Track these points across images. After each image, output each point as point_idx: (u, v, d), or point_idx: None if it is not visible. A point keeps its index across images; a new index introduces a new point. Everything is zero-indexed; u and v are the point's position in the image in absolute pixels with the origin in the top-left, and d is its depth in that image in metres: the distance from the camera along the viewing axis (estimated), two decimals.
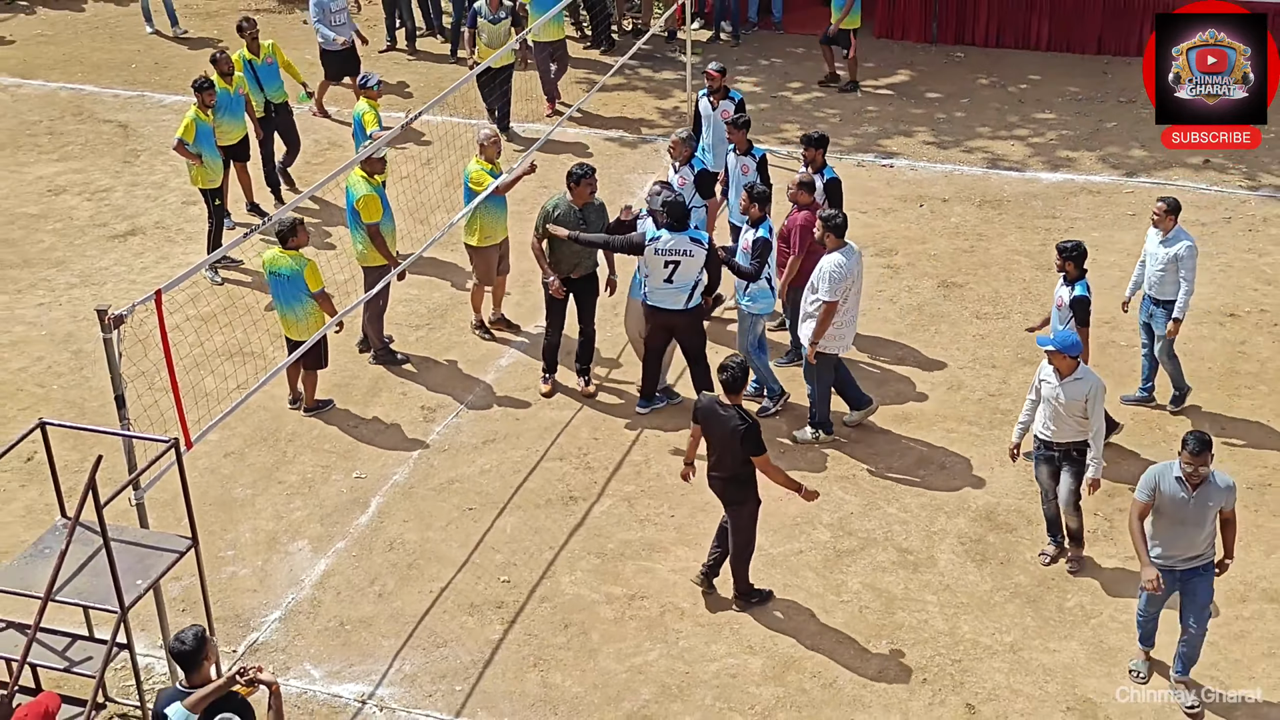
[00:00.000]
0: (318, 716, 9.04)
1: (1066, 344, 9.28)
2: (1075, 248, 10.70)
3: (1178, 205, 11.13)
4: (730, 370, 9.22)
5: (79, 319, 13.00)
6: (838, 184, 12.28)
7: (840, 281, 10.74)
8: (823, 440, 11.34)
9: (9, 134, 16.92)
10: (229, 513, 10.77)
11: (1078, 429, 9.40)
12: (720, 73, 13.48)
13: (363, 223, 11.83)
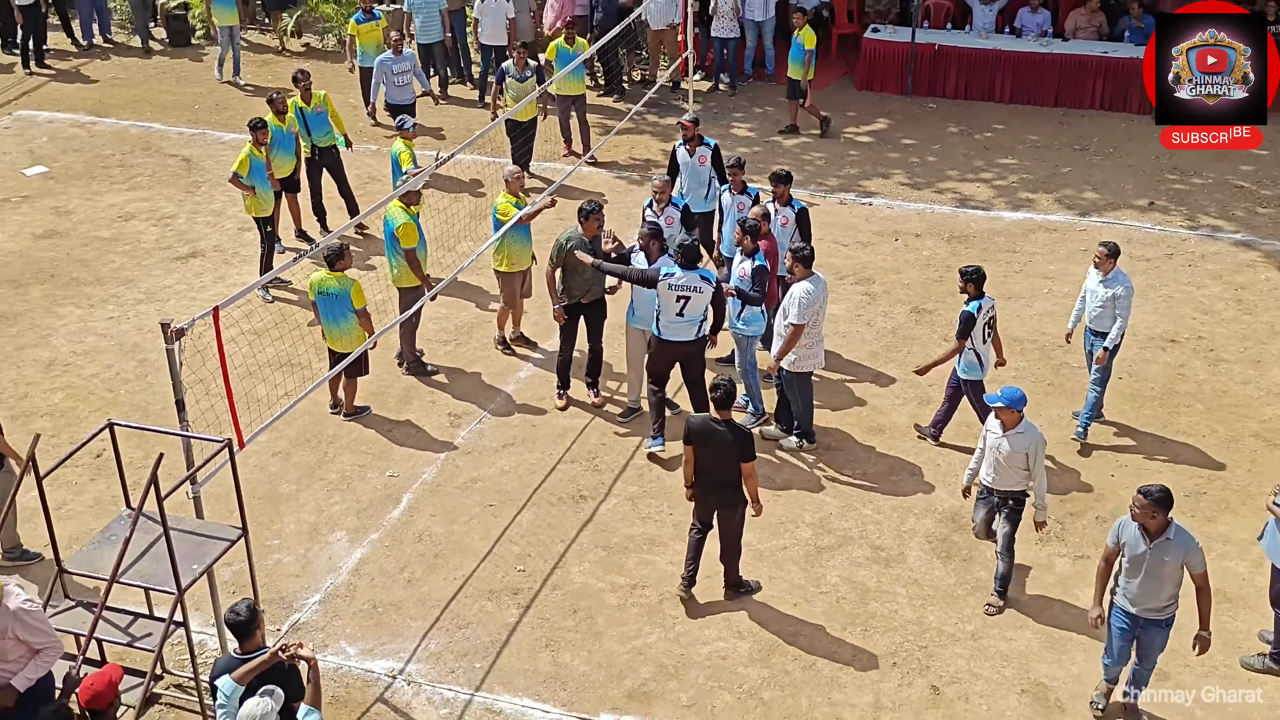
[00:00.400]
0: (352, 689, 9.04)
1: (1012, 400, 9.05)
2: (975, 271, 10.84)
3: (1117, 250, 10.96)
4: (722, 388, 9.11)
5: (145, 331, 13.02)
6: (806, 214, 12.28)
7: (808, 307, 10.70)
8: (805, 449, 11.32)
9: (85, 165, 16.96)
10: (275, 506, 10.78)
11: (1018, 478, 9.19)
12: (694, 123, 13.35)
13: (401, 248, 11.86)
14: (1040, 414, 11.59)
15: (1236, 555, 10.06)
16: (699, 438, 9.20)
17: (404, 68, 16.15)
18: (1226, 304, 13.43)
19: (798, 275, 10.81)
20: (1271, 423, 11.56)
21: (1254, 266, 14.16)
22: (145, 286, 14.07)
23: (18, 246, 14.93)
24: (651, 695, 8.96)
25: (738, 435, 9.14)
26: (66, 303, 13.75)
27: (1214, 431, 11.50)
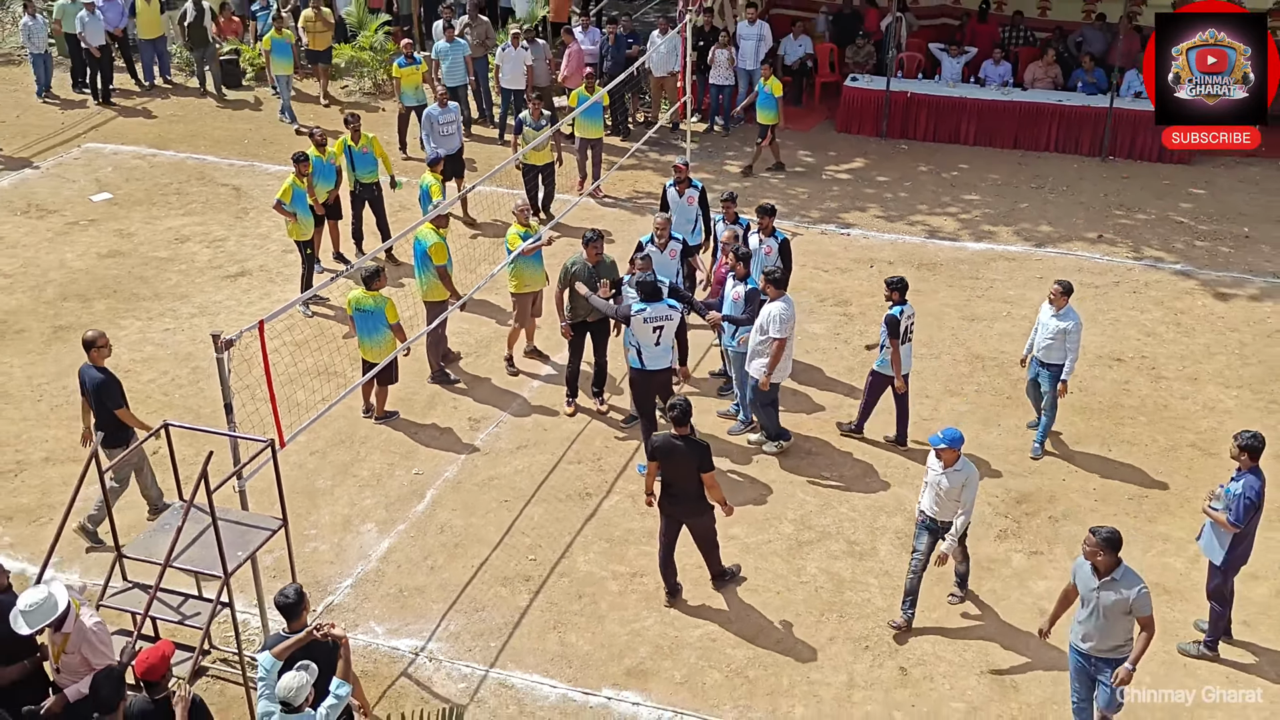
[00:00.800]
0: (380, 665, 9.02)
1: (952, 440, 8.78)
2: (899, 281, 11.00)
3: (1071, 288, 10.81)
4: (678, 407, 9.03)
5: (197, 342, 13.02)
6: (788, 245, 12.25)
7: (786, 323, 10.67)
8: (783, 448, 11.29)
9: (146, 193, 16.97)
10: (312, 500, 10.76)
11: (955, 510, 8.91)
12: (685, 166, 13.27)
13: (432, 265, 11.91)
14: (999, 423, 11.61)
15: (1174, 552, 10.05)
16: (662, 454, 9.07)
17: (449, 119, 15.71)
18: (1167, 327, 13.43)
19: (771, 296, 10.77)
20: (1206, 434, 11.55)
21: (1192, 294, 14.16)
22: (198, 301, 14.08)
23: (85, 265, 14.94)
24: (648, 673, 8.95)
25: (695, 449, 8.99)
26: (128, 315, 13.75)
27: (1155, 441, 11.49)
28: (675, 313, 10.75)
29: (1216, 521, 8.62)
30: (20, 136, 18.91)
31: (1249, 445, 8.56)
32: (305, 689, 6.80)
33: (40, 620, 7.13)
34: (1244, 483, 8.50)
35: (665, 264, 11.67)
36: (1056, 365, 10.78)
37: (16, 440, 11.57)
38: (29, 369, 12.73)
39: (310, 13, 19.39)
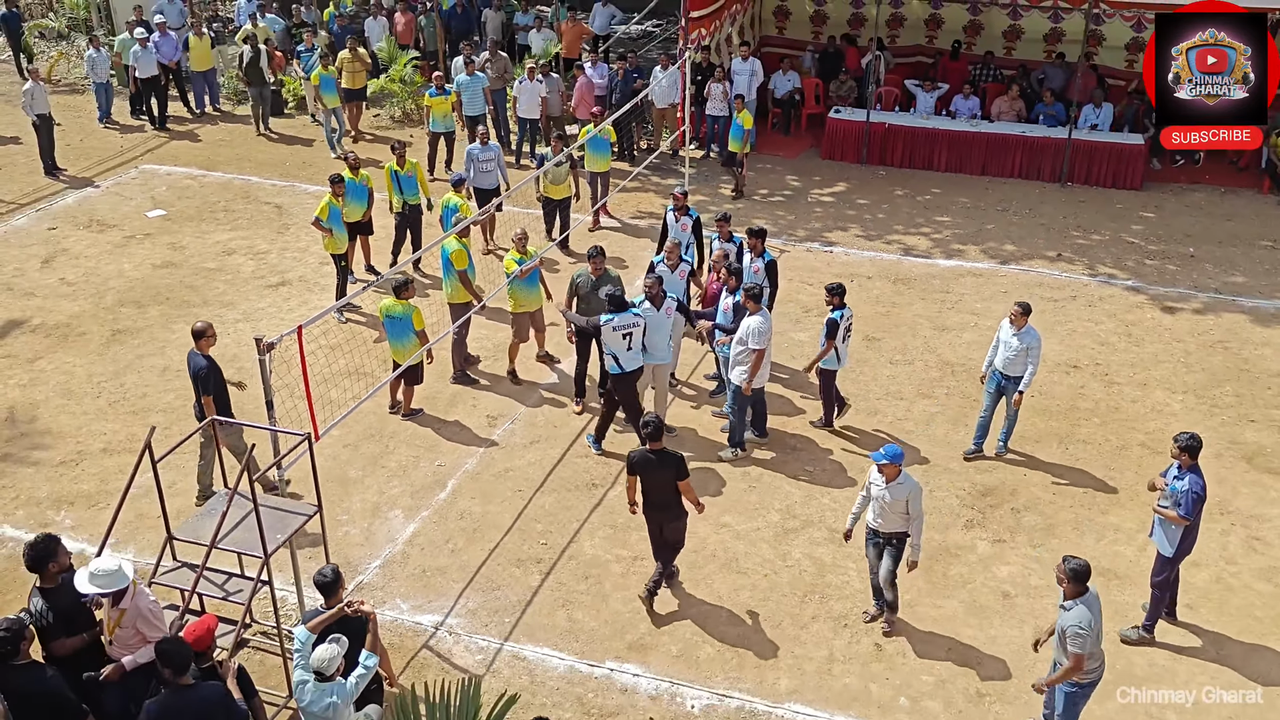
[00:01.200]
0: (404, 638, 9.02)
1: (893, 457, 8.48)
2: (838, 287, 11.12)
3: (1029, 309, 10.60)
4: (651, 424, 8.84)
5: (242, 345, 13.00)
6: (775, 265, 12.19)
7: (764, 335, 10.63)
8: (740, 456, 11.12)
9: (196, 210, 16.97)
10: (345, 488, 10.75)
11: (900, 522, 8.61)
12: (684, 195, 13.13)
13: (454, 269, 11.95)
14: (967, 422, 11.57)
15: (1125, 541, 10.04)
16: (640, 468, 8.93)
17: (488, 156, 15.08)
18: (1119, 337, 13.41)
19: (751, 310, 10.71)
20: (1155, 434, 11.53)
21: (1141, 307, 14.13)
22: (243, 308, 14.07)
23: (140, 274, 14.93)
24: (647, 647, 8.94)
25: (670, 460, 8.86)
26: (179, 320, 13.73)
27: (1108, 440, 11.47)
28: (641, 320, 10.74)
29: (1168, 519, 8.57)
30: (84, 158, 18.91)
31: (1189, 446, 8.49)
32: (337, 659, 6.79)
33: (106, 585, 7.12)
34: (1189, 480, 8.46)
35: (675, 283, 11.57)
36: (1018, 377, 10.63)
37: (78, 433, 11.57)
38: (89, 368, 12.73)
39: (346, 54, 19.03)
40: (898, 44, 20.31)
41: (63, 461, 11.13)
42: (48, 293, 14.44)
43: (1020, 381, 10.60)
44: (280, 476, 8.68)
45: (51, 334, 13.45)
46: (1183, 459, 8.52)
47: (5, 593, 9.43)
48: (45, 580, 7.30)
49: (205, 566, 7.81)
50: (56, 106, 19.21)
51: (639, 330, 10.72)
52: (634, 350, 10.76)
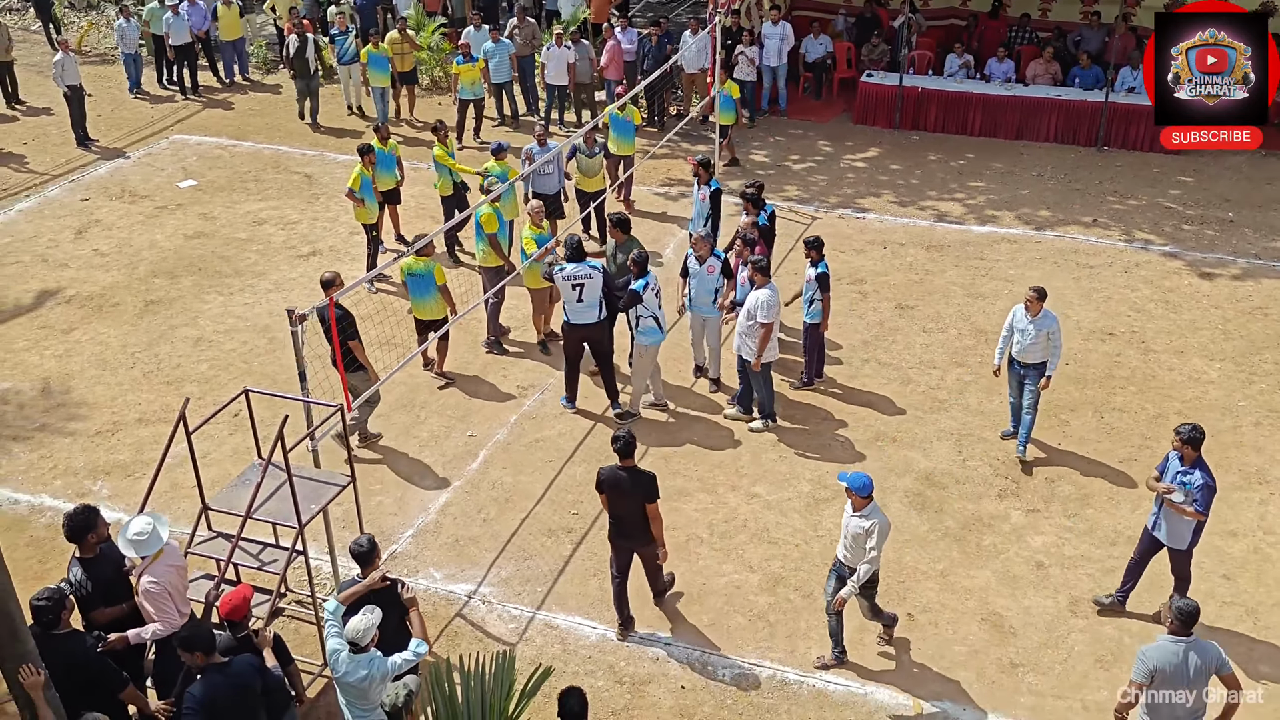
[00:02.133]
0: (438, 606, 9.10)
1: (856, 485, 7.80)
2: (816, 240, 11.15)
3: (1044, 293, 10.14)
4: (621, 439, 8.24)
5: (274, 315, 13.09)
6: (774, 216, 12.40)
7: (772, 308, 10.56)
8: (770, 427, 11.10)
9: (227, 180, 17.04)
10: (378, 458, 10.83)
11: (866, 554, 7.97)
12: (701, 163, 13.04)
13: (485, 233, 12.01)
14: (1001, 391, 11.41)
15: None
16: (608, 486, 8.33)
17: (547, 158, 13.77)
18: (1156, 304, 13.25)
19: (758, 283, 10.62)
20: (1192, 402, 11.42)
21: (1179, 274, 13.96)
22: (274, 278, 14.14)
23: (172, 245, 15.03)
24: (678, 616, 8.97)
25: (640, 481, 8.24)
26: (211, 291, 13.84)
27: (1144, 409, 11.36)
28: (595, 272, 10.82)
29: (1187, 515, 8.25)
30: (115, 129, 19.01)
31: (1192, 438, 8.17)
32: (371, 630, 6.85)
33: (147, 549, 7.23)
34: (1200, 474, 8.17)
35: (705, 279, 11.24)
36: (1038, 364, 10.23)
37: (113, 403, 11.70)
38: (124, 339, 12.85)
39: (395, 34, 18.42)
40: (930, 6, 20.03)
41: (99, 432, 11.26)
42: (81, 264, 14.56)
43: (1045, 368, 10.23)
44: (313, 447, 8.74)
45: (86, 305, 13.58)
46: (1185, 451, 8.22)
47: (45, 561, 9.58)
48: (84, 550, 7.40)
49: (240, 537, 7.89)
50: (87, 77, 19.31)
51: (592, 283, 10.79)
52: (586, 303, 10.85)
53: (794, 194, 16.11)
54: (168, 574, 7.33)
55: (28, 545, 9.78)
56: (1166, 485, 8.32)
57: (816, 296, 11.18)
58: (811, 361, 11.68)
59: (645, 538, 8.46)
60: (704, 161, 13.11)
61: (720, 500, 10.18)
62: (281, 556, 8.16)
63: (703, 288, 11.23)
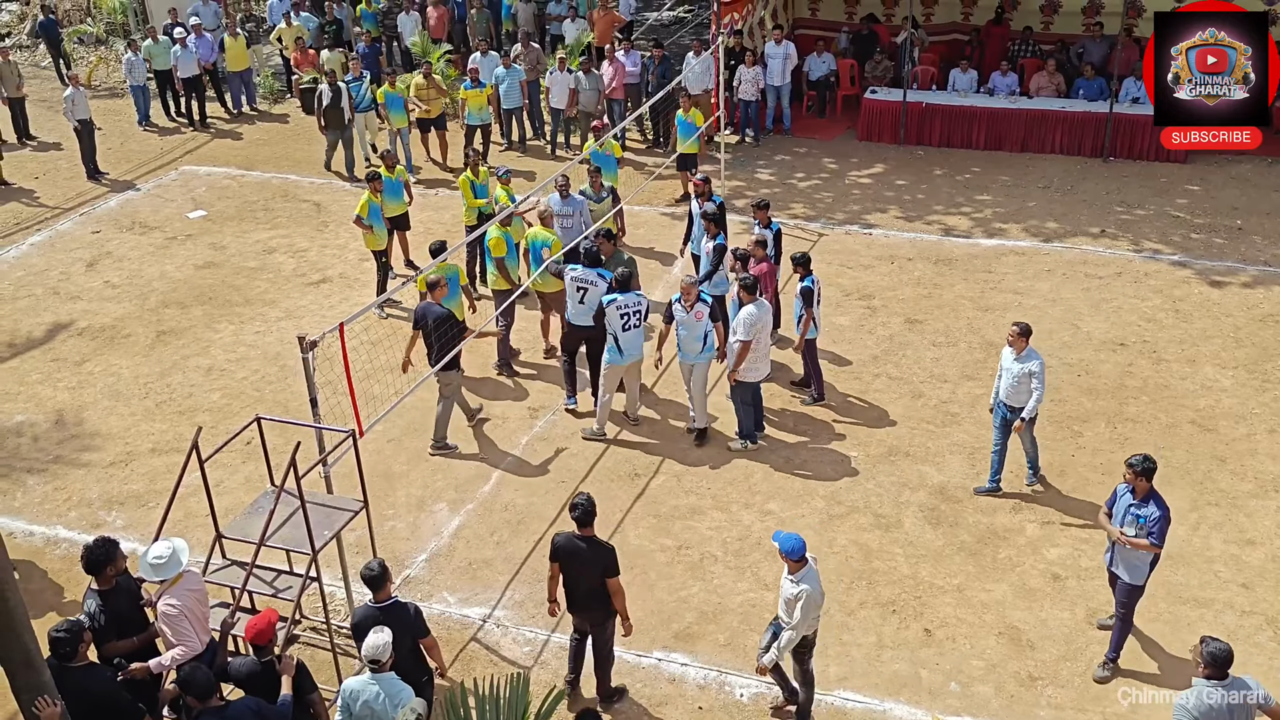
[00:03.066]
0: (453, 630, 9.07)
1: (786, 547, 7.43)
2: (803, 256, 11.27)
3: (1028, 330, 9.79)
4: (580, 507, 7.78)
5: (285, 343, 13.12)
6: (780, 234, 12.43)
7: (753, 326, 10.49)
8: (750, 449, 11.03)
9: (236, 209, 17.12)
10: (390, 483, 10.82)
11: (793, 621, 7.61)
12: (704, 182, 13.04)
13: (493, 256, 12.11)
14: None
15: (1176, 521, 9.76)
16: (564, 555, 7.86)
17: (566, 211, 13.07)
18: (1166, 313, 13.21)
19: (744, 301, 10.56)
20: (1205, 411, 11.36)
21: (1188, 282, 13.92)
22: (285, 306, 14.18)
23: (183, 275, 15.10)
24: (694, 636, 8.93)
25: (600, 552, 7.78)
26: (222, 320, 13.89)
27: (1157, 419, 11.31)
28: (601, 280, 10.96)
29: (1143, 549, 7.95)
30: (125, 161, 19.14)
31: (1145, 469, 7.89)
32: (388, 647, 6.81)
33: (166, 573, 7.24)
34: (1154, 506, 7.89)
35: (692, 325, 10.78)
36: (1022, 407, 9.79)
37: (126, 434, 11.73)
38: (136, 369, 12.89)
39: (420, 79, 17.45)
40: (932, 22, 20.09)
41: (112, 462, 11.28)
42: (93, 296, 14.63)
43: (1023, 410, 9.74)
44: (325, 472, 8.73)
45: (98, 336, 13.63)
46: (1139, 484, 7.93)
47: (61, 592, 9.58)
48: (101, 582, 7.40)
49: (255, 564, 7.88)
50: (96, 111, 19.45)
51: (595, 290, 11.03)
52: (588, 306, 11.16)
53: (800, 211, 16.12)
54: (187, 598, 7.33)
55: (44, 577, 9.79)
56: (1118, 533, 8.01)
57: (803, 312, 11.23)
58: (816, 379, 11.64)
59: (602, 614, 7.97)
60: (705, 181, 13.13)
61: (734, 518, 10.15)
62: (296, 583, 8.14)
63: (691, 334, 10.80)
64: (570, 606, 8.11)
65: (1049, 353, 12.20)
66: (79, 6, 25.55)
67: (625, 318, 10.83)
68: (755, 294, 10.64)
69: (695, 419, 11.23)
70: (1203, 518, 9.92)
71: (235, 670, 7.14)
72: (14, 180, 18.41)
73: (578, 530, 7.84)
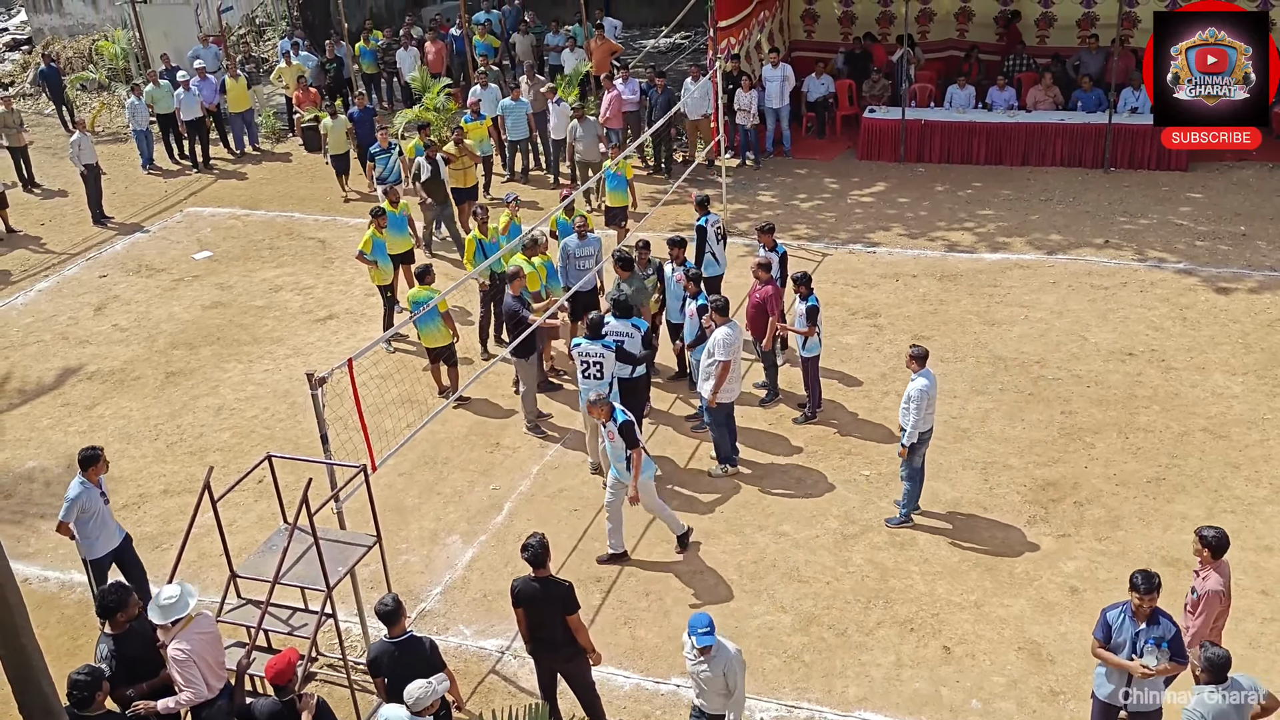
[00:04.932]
0: (469, 663, 9.03)
1: (693, 630, 6.99)
2: (803, 276, 11.21)
3: (919, 353, 9.64)
4: (530, 549, 7.65)
5: (294, 380, 13.15)
6: (786, 257, 12.40)
7: (730, 346, 10.47)
8: (729, 472, 10.96)
9: (242, 249, 17.20)
10: (402, 517, 10.81)
11: (722, 702, 7.19)
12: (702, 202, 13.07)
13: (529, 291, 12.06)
14: (1023, 417, 11.45)
15: (1192, 529, 9.78)
16: (524, 600, 7.71)
17: (586, 252, 12.77)
18: (1173, 322, 13.19)
19: (718, 322, 10.51)
20: (1216, 418, 11.32)
21: (1194, 290, 13.90)
22: (292, 344, 14.22)
23: (190, 316, 15.15)
24: None
25: (556, 591, 7.65)
26: (230, 359, 13.92)
27: (1169, 427, 11.27)
28: (609, 352, 10.49)
29: (1179, 671, 7.22)
30: (130, 204, 19.25)
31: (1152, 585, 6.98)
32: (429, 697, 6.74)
33: (174, 614, 7.24)
34: (1166, 620, 7.09)
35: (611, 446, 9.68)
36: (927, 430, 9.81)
37: (138, 476, 11.74)
38: (145, 411, 12.92)
39: (453, 148, 16.05)
40: (928, 39, 20.18)
41: (125, 505, 11.28)
42: (102, 339, 14.68)
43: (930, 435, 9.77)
44: (338, 509, 8.73)
45: (107, 380, 13.67)
46: (1146, 603, 7.02)
47: (76, 637, 9.57)
48: (114, 627, 7.40)
49: (269, 602, 7.87)
50: (101, 156, 19.56)
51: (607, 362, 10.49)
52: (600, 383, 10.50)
53: (803, 232, 16.15)
54: (197, 642, 7.31)
55: (59, 622, 9.78)
56: (1139, 668, 7.07)
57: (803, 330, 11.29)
58: (814, 395, 11.66)
59: (570, 650, 7.79)
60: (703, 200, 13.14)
61: (748, 540, 10.12)
62: (311, 620, 8.14)
63: (614, 454, 9.68)
64: (536, 649, 7.93)
65: (1057, 365, 12.23)
66: (80, 54, 25.78)
67: (585, 366, 10.50)
68: (727, 315, 10.60)
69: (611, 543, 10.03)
70: (1219, 525, 9.84)
71: (257, 711, 7.11)
72: (20, 227, 18.52)
73: (532, 573, 7.71)
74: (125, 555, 9.40)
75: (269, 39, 26.52)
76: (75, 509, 8.98)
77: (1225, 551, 7.54)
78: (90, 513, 9.02)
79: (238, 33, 26.33)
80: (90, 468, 9.05)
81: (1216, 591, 7.46)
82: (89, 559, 9.22)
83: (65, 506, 9.01)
